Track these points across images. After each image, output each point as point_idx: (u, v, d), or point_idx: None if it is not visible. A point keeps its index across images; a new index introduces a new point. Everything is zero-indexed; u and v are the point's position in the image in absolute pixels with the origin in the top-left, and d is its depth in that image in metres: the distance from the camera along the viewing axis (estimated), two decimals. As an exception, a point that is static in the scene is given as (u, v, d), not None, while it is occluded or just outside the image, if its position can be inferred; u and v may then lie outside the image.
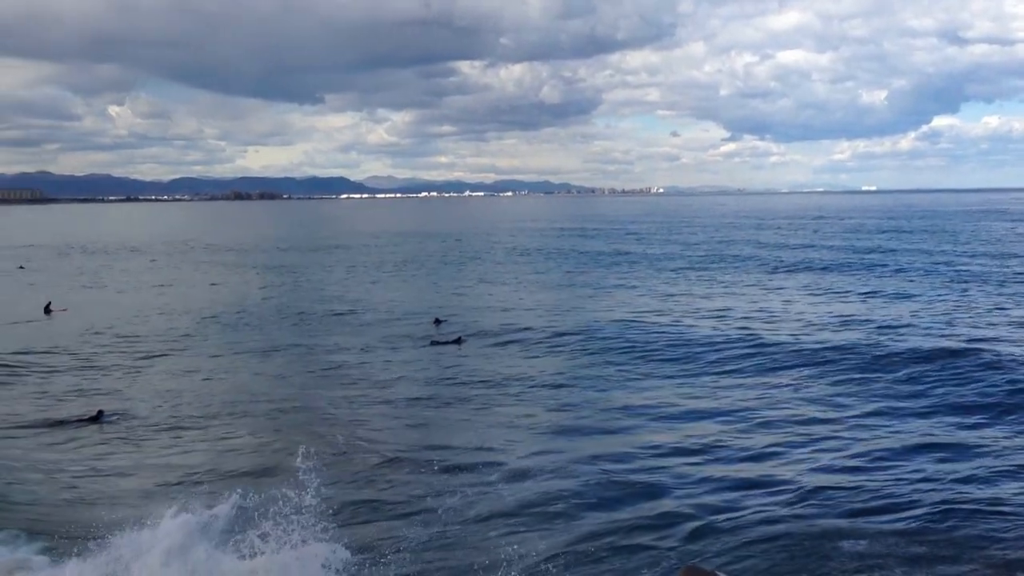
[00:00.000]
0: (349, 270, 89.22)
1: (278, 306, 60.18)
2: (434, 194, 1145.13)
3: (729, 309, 52.25)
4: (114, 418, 29.71)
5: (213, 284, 76.33)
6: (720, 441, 26.30)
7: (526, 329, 46.72)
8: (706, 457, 24.84)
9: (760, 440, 26.33)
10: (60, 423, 29.04)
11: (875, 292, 59.77)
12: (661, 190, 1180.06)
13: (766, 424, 28.10)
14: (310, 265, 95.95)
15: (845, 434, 26.68)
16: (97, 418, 29.31)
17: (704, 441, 26.21)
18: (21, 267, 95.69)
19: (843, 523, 19.84)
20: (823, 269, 76.87)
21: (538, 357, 40.04)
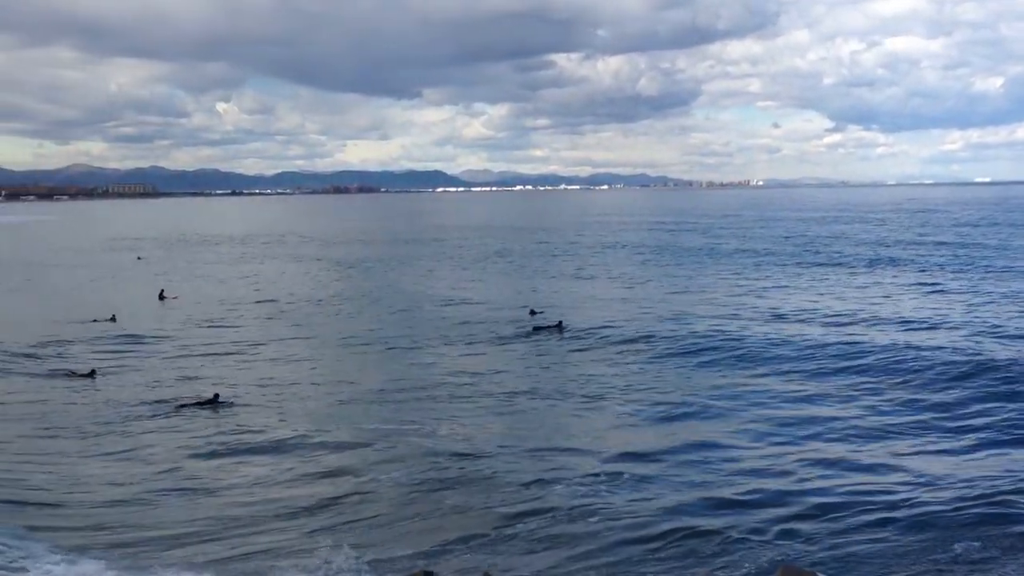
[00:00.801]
0: (444, 261, 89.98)
1: (376, 296, 61.18)
2: (529, 187, 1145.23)
3: (828, 309, 50.31)
4: (229, 402, 30.75)
5: (312, 275, 77.86)
6: (821, 444, 25.77)
7: (621, 324, 46.36)
8: (806, 460, 24.28)
9: (862, 444, 25.68)
10: (182, 406, 30.21)
11: (981, 291, 56.73)
12: (761, 182, 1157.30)
13: (865, 428, 27.37)
14: (407, 257, 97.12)
15: (955, 441, 25.85)
16: (213, 401, 30.46)
17: (804, 444, 25.73)
18: (139, 258, 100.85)
19: (954, 526, 19.23)
20: (930, 267, 73.42)
21: (632, 353, 39.49)
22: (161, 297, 60.24)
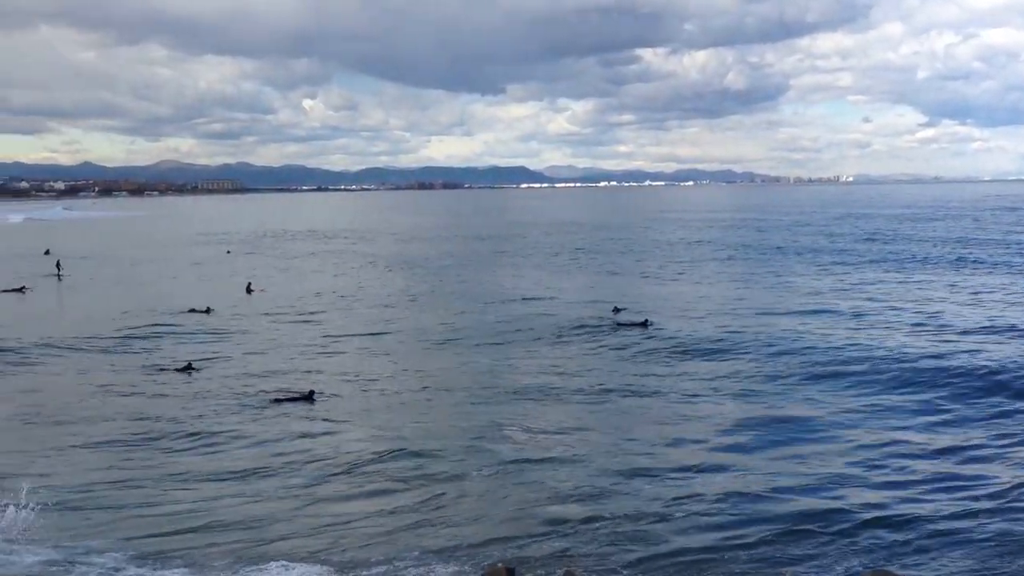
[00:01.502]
0: (528, 258, 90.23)
1: (459, 292, 61.67)
2: (613, 183, 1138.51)
3: (919, 312, 48.95)
4: (323, 397, 31.42)
5: (396, 270, 78.83)
6: (903, 449, 25.41)
7: (706, 323, 46.22)
8: (887, 468, 23.96)
9: (946, 453, 25.21)
10: (277, 400, 30.91)
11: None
12: (850, 178, 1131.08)
13: (959, 438, 27.07)
14: (490, 253, 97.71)
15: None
16: (309, 397, 31.11)
17: (896, 452, 25.28)
18: (228, 251, 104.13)
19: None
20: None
21: (717, 352, 39.08)
22: (248, 290, 61.79)
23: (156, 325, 46.83)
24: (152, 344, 42.15)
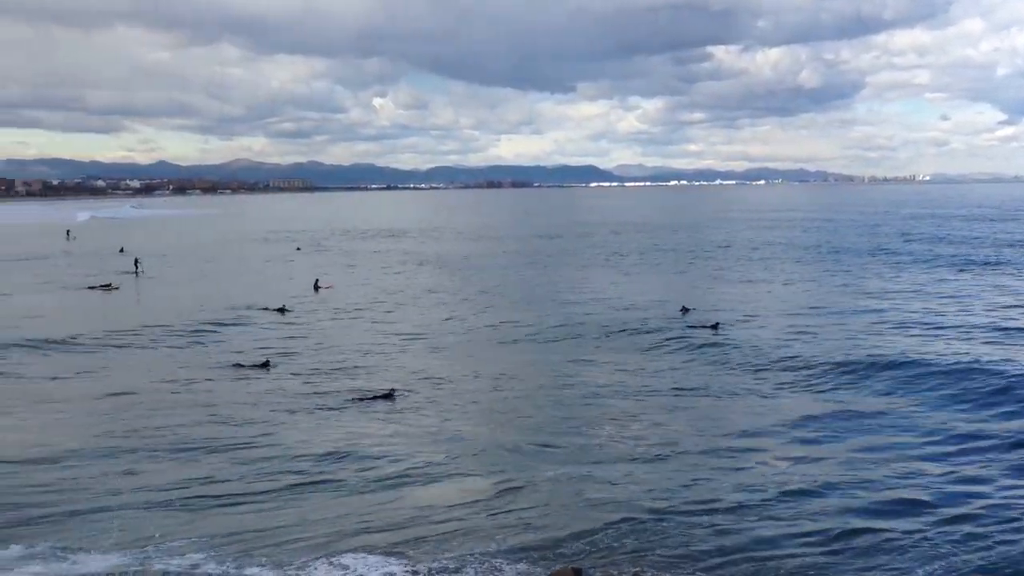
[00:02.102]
0: (596, 257, 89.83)
1: (527, 291, 61.63)
2: (683, 182, 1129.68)
3: (990, 318, 47.08)
4: (402, 396, 31.56)
5: (464, 269, 78.97)
6: (980, 444, 25.19)
7: (778, 326, 45.62)
8: (962, 464, 23.71)
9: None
10: (359, 399, 31.14)
11: None
12: (927, 177, 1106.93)
13: None
14: (559, 252, 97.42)
15: None
16: (389, 395, 31.29)
17: (962, 449, 25.03)
18: (298, 248, 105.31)
19: None
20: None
21: (791, 355, 38.29)
22: (316, 287, 62.38)
23: (231, 322, 47.80)
24: (228, 340, 42.92)
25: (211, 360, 38.30)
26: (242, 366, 36.52)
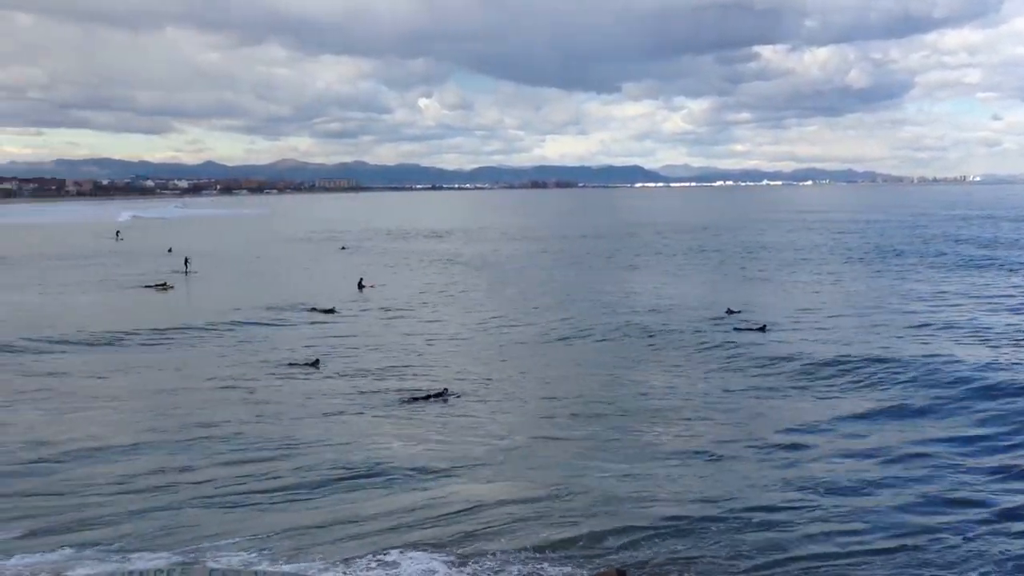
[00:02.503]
0: (641, 258, 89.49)
1: (572, 291, 61.35)
2: (729, 183, 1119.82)
3: None
4: (455, 395, 31.72)
5: (508, 269, 78.98)
6: None
7: (827, 328, 45.38)
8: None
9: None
10: (413, 399, 31.32)
11: None
12: (978, 178, 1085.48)
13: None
14: (603, 252, 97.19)
15: None
16: (443, 395, 31.50)
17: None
18: (343, 248, 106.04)
19: None
20: None
21: (840, 358, 37.81)
22: (360, 286, 62.60)
23: (281, 322, 48.56)
24: (279, 339, 43.46)
25: (263, 358, 38.73)
26: (295, 364, 36.86)
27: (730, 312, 48.79)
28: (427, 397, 31.25)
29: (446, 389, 31.85)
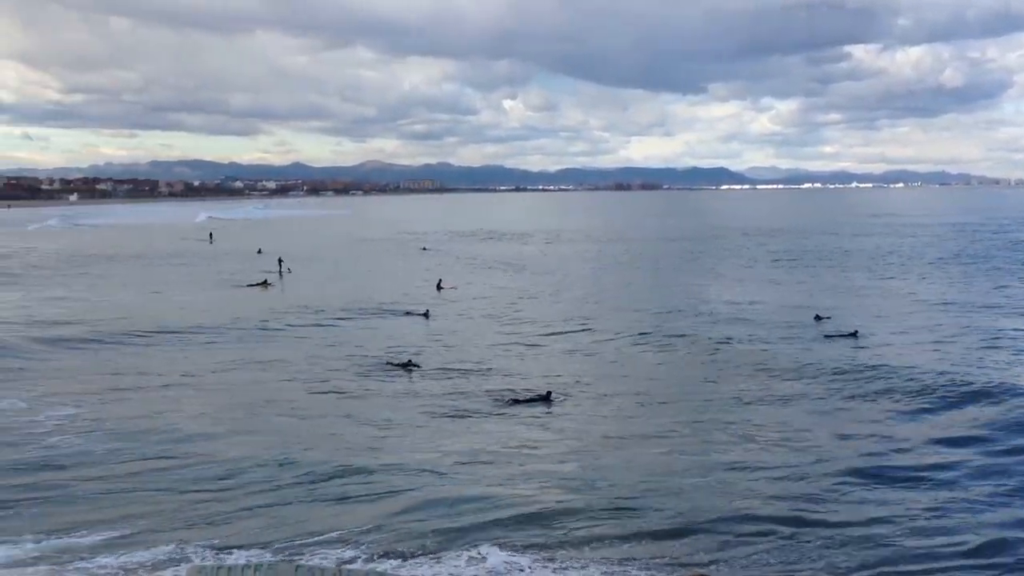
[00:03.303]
0: (726, 261, 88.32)
1: (657, 293, 61.02)
2: (818, 185, 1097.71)
3: None
4: (560, 398, 31.73)
5: (591, 272, 78.54)
6: None
7: (921, 338, 44.08)
8: None
9: None
10: (516, 401, 31.45)
11: None
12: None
13: None
14: (688, 255, 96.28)
15: None
16: (546, 398, 31.48)
17: None
18: (424, 248, 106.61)
19: None
20: None
21: (928, 365, 37.04)
22: (439, 287, 62.21)
23: (374, 323, 49.11)
24: (373, 338, 43.94)
25: (359, 357, 39.19)
26: (391, 364, 37.04)
27: (818, 318, 47.76)
28: (530, 400, 31.32)
29: (550, 392, 31.82)
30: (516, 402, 31.14)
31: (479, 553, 18.70)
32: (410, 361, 36.99)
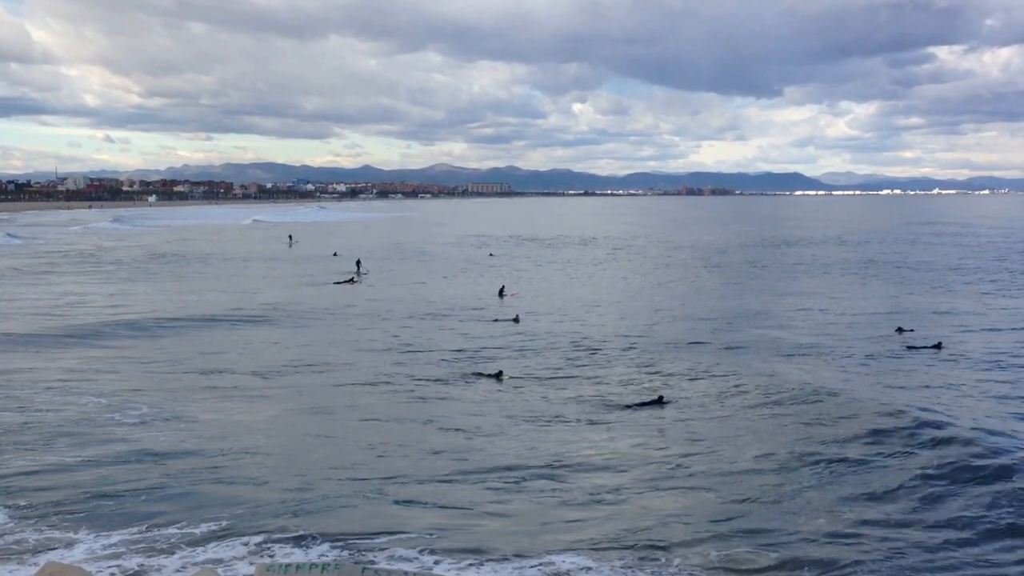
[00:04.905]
0: (799, 270, 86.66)
1: (726, 304, 59.43)
2: (897, 191, 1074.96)
3: None
4: (673, 402, 31.59)
5: (657, 281, 76.95)
6: None
7: (1002, 345, 42.79)
8: None
9: None
10: (627, 407, 31.26)
11: None
12: None
13: None
14: (760, 263, 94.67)
15: None
16: (659, 402, 31.46)
17: None
18: (491, 255, 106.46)
19: None
20: None
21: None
22: (501, 294, 61.34)
23: (456, 327, 48.39)
24: (455, 341, 43.59)
25: (444, 360, 38.89)
26: (480, 374, 36.04)
27: (900, 331, 46.18)
28: (644, 404, 31.26)
29: (661, 396, 31.85)
30: (627, 407, 31.00)
31: (559, 561, 18.24)
32: (500, 372, 35.91)
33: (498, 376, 35.46)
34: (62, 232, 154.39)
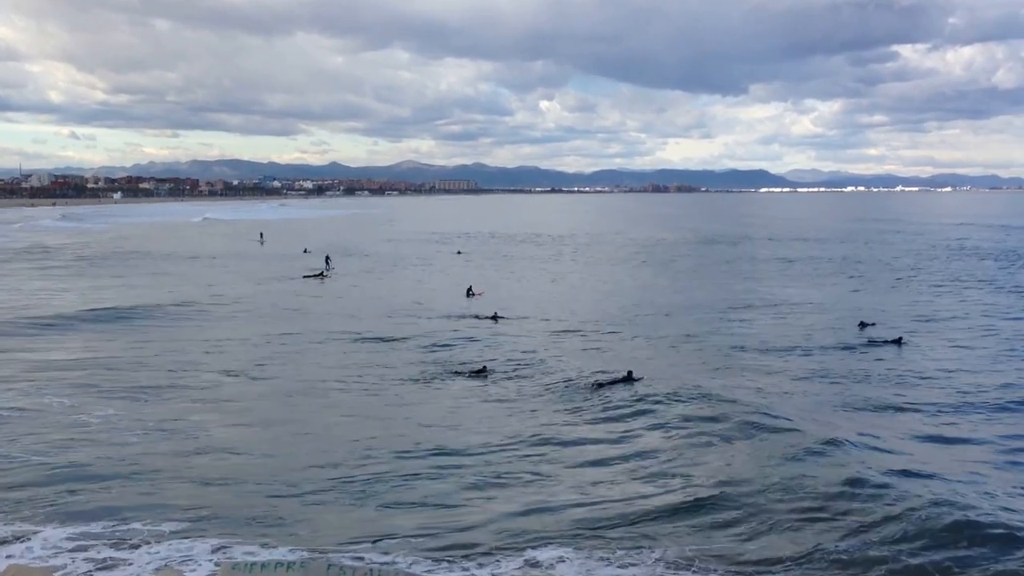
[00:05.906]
0: (764, 266, 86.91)
1: (693, 299, 59.78)
2: (861, 188, 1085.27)
3: None
4: (641, 378, 32.38)
5: (627, 277, 77.36)
6: None
7: (963, 342, 43.37)
8: None
9: None
10: (599, 385, 32.33)
11: None
12: None
13: None
14: (725, 260, 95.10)
15: None
16: (629, 377, 32.64)
17: None
18: (459, 252, 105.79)
19: None
20: None
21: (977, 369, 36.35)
22: (468, 294, 61.19)
23: (421, 325, 48.08)
24: (423, 341, 42.79)
25: (423, 361, 38.23)
26: (461, 373, 35.73)
27: (863, 326, 46.75)
28: (613, 382, 32.19)
29: (631, 372, 32.77)
30: (599, 385, 32.10)
31: (541, 555, 18.25)
32: (484, 368, 35.76)
33: (482, 372, 35.40)
34: (5, 228, 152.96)
